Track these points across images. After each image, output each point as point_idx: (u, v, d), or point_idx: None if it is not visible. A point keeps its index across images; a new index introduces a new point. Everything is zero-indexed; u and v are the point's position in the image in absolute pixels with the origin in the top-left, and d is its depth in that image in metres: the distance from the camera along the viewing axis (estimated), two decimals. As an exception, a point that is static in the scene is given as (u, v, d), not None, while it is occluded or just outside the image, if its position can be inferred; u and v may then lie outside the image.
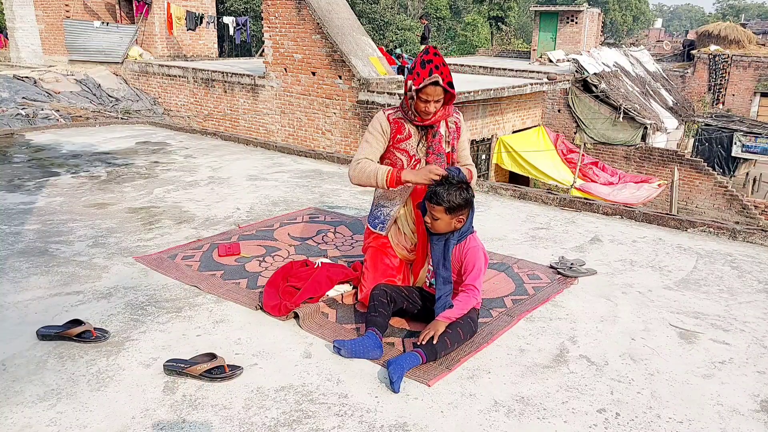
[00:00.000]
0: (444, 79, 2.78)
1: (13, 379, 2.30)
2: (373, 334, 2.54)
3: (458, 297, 2.62)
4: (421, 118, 2.89)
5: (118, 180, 5.50)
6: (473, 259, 2.66)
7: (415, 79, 2.78)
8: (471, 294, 2.62)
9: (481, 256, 2.68)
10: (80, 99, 12.67)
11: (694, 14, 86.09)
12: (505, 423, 2.12)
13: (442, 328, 2.50)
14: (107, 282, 3.22)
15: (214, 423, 2.08)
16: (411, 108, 2.89)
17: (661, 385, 2.38)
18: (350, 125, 10.57)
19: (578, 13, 22.46)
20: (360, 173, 2.91)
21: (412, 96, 2.83)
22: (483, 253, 2.71)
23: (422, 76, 2.76)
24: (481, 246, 2.73)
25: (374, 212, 3.09)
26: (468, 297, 2.61)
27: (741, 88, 22.82)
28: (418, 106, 2.85)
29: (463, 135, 3.09)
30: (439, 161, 2.93)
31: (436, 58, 2.78)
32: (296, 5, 10.58)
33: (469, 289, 2.62)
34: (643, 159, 15.04)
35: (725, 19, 42.63)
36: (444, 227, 2.65)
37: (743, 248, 4.03)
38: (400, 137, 2.94)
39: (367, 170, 2.88)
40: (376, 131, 2.94)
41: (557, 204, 4.96)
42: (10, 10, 16.04)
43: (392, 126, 2.94)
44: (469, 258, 2.66)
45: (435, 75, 2.75)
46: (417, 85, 2.77)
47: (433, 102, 2.81)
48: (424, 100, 2.81)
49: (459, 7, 44.04)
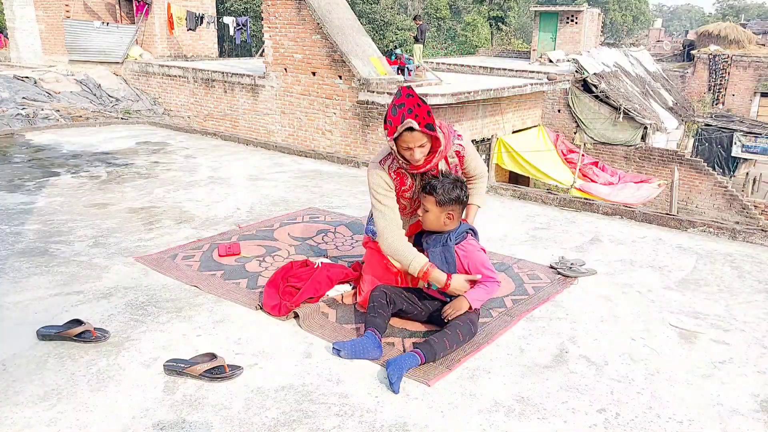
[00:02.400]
0: (421, 122, 2.48)
1: (13, 379, 2.30)
2: (372, 334, 2.54)
3: (482, 283, 2.67)
4: (413, 166, 2.65)
5: (118, 180, 5.50)
6: (473, 255, 2.68)
7: (389, 129, 2.53)
8: (491, 282, 2.67)
9: (479, 251, 2.72)
10: (80, 99, 12.67)
11: (694, 14, 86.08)
12: (505, 423, 2.12)
13: (465, 307, 2.61)
14: (107, 282, 3.22)
15: (214, 423, 2.08)
16: (399, 157, 2.63)
17: (661, 385, 2.38)
18: (350, 125, 10.57)
19: (578, 13, 22.46)
20: (392, 251, 2.69)
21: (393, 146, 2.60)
22: (481, 250, 2.75)
23: (395, 125, 2.50)
24: (478, 246, 2.75)
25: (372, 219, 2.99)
26: (492, 283, 2.67)
27: (741, 88, 22.83)
28: (404, 155, 2.61)
29: (468, 156, 2.88)
30: None
31: (408, 100, 2.49)
32: (296, 5, 10.58)
33: (488, 279, 2.67)
34: (643, 159, 15.04)
35: (725, 19, 42.61)
36: (433, 221, 2.66)
37: (743, 248, 4.03)
38: (404, 188, 2.78)
39: (398, 252, 2.67)
40: (384, 190, 2.70)
41: (557, 204, 4.96)
42: (10, 10, 16.03)
43: (395, 180, 2.73)
44: (470, 257, 2.68)
45: (408, 120, 2.47)
46: (391, 135, 2.52)
47: (416, 148, 2.54)
48: (405, 148, 2.55)
49: (459, 7, 44.05)
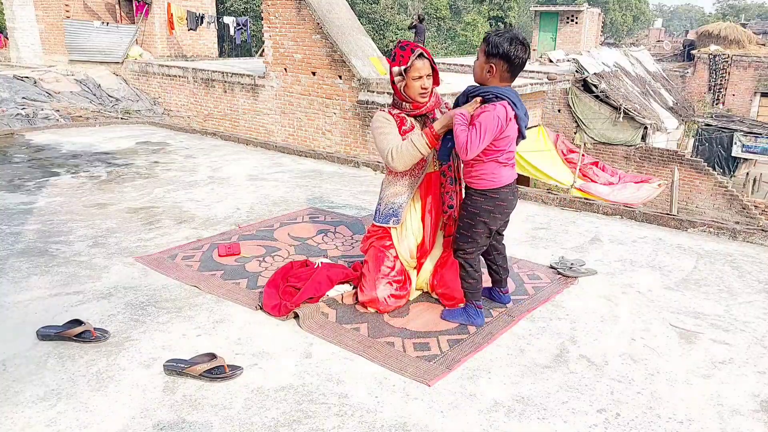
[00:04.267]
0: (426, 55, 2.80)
1: (13, 379, 2.30)
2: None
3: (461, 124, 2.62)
4: (417, 104, 2.88)
5: (118, 180, 5.50)
6: (482, 116, 2.55)
7: (401, 61, 2.79)
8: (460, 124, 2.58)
9: (490, 117, 2.53)
10: (80, 99, 12.66)
11: (694, 14, 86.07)
12: (505, 423, 2.12)
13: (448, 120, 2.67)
14: (107, 282, 3.22)
15: (214, 423, 2.08)
16: (404, 97, 2.88)
17: (661, 385, 2.38)
18: (350, 125, 10.56)
19: (578, 13, 22.47)
20: (402, 155, 2.81)
21: (403, 82, 2.83)
22: (496, 118, 2.53)
23: (406, 56, 2.78)
24: (500, 114, 2.54)
25: (384, 210, 3.04)
26: (460, 126, 2.58)
27: (741, 88, 22.81)
28: (412, 89, 2.83)
29: None
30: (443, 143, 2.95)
31: (411, 43, 2.82)
32: (296, 5, 10.57)
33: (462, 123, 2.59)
34: (643, 159, 15.03)
35: (725, 19, 42.57)
36: (478, 72, 2.66)
37: (743, 248, 4.03)
38: (405, 128, 2.93)
39: (404, 149, 2.80)
40: (386, 122, 2.91)
41: (557, 204, 4.96)
42: (10, 10, 16.03)
43: (396, 119, 2.92)
44: (481, 116, 2.56)
45: (418, 49, 2.77)
46: (406, 63, 2.78)
47: (425, 77, 2.80)
48: (417, 77, 2.79)
49: (459, 7, 44.03)
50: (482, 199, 2.70)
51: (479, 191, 2.71)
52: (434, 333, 2.72)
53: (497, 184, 2.68)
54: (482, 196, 2.70)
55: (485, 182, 2.69)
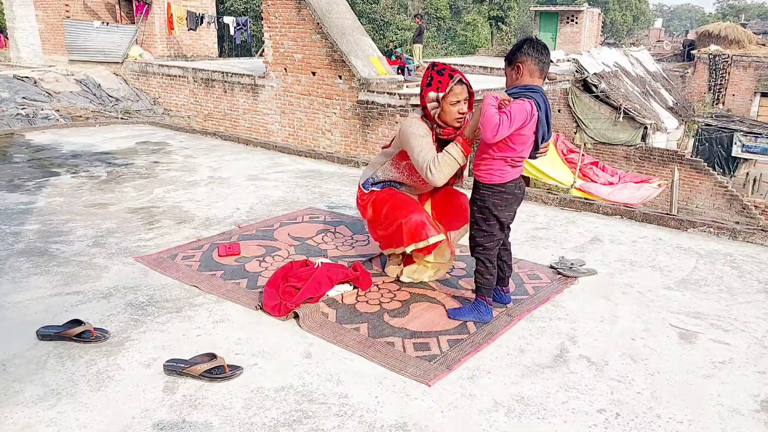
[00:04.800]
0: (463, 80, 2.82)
1: (13, 379, 2.31)
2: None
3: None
4: (447, 130, 2.87)
5: (118, 180, 5.50)
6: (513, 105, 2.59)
7: (440, 87, 2.78)
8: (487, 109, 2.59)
9: (519, 107, 2.57)
10: (80, 99, 12.66)
11: (694, 14, 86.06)
12: (505, 423, 2.12)
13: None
14: (107, 282, 3.22)
15: (214, 423, 2.08)
16: (435, 122, 2.86)
17: (661, 385, 2.38)
18: (350, 125, 10.56)
19: (578, 13, 22.47)
20: (442, 169, 2.81)
21: (438, 108, 2.82)
22: (524, 110, 2.58)
23: (444, 82, 2.77)
24: (527, 108, 2.58)
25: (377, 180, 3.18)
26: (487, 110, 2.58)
27: (741, 88, 22.80)
28: (449, 115, 2.81)
29: None
30: None
31: (447, 66, 2.82)
32: (296, 5, 10.57)
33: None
34: (643, 159, 15.03)
35: (725, 19, 42.59)
36: (507, 81, 2.73)
37: (743, 248, 4.03)
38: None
39: (444, 162, 2.80)
40: (425, 130, 2.90)
41: (557, 204, 4.96)
42: (10, 10, 16.03)
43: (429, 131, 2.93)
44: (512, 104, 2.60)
45: (457, 75, 2.77)
46: (444, 89, 2.76)
47: (462, 101, 2.81)
48: (455, 102, 2.79)
49: (459, 7, 44.02)
50: (489, 192, 2.78)
51: (487, 185, 2.78)
52: (434, 333, 2.72)
53: (503, 180, 2.76)
54: (489, 190, 2.78)
55: (493, 177, 2.75)
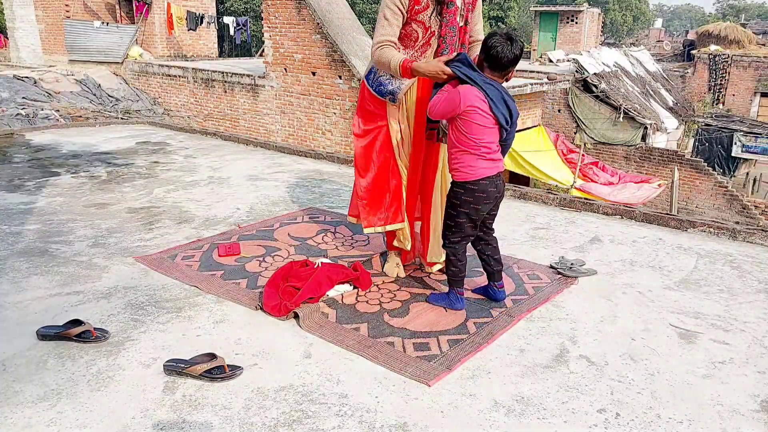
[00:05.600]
0: None
1: (13, 379, 2.30)
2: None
3: None
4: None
5: (118, 180, 5.50)
6: (446, 94, 2.73)
7: None
8: None
9: (445, 97, 2.70)
10: (80, 99, 12.66)
11: (694, 14, 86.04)
12: (505, 423, 2.12)
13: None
14: (107, 282, 3.22)
15: (214, 423, 2.08)
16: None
17: (661, 385, 2.38)
18: (350, 125, 10.55)
19: (578, 13, 22.47)
20: (380, 58, 2.91)
21: None
22: (450, 100, 2.69)
23: None
24: (454, 98, 2.68)
25: (382, 80, 3.10)
26: None
27: (741, 88, 22.79)
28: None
29: (477, 8, 3.13)
30: (451, 34, 2.97)
31: None
32: (296, 5, 10.57)
33: None
34: (643, 159, 15.03)
35: (725, 19, 42.57)
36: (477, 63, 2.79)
37: (743, 248, 4.02)
38: (417, 8, 2.92)
39: (385, 57, 2.89)
40: (396, 6, 2.90)
41: (557, 204, 4.96)
42: (10, 10, 16.02)
43: (410, 1, 2.91)
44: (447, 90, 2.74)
45: None
46: None
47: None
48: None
49: (459, 7, 44.00)
50: (461, 191, 2.78)
51: (459, 183, 2.79)
52: (434, 333, 2.72)
53: (475, 176, 2.75)
54: (461, 188, 2.78)
55: (463, 174, 2.76)
